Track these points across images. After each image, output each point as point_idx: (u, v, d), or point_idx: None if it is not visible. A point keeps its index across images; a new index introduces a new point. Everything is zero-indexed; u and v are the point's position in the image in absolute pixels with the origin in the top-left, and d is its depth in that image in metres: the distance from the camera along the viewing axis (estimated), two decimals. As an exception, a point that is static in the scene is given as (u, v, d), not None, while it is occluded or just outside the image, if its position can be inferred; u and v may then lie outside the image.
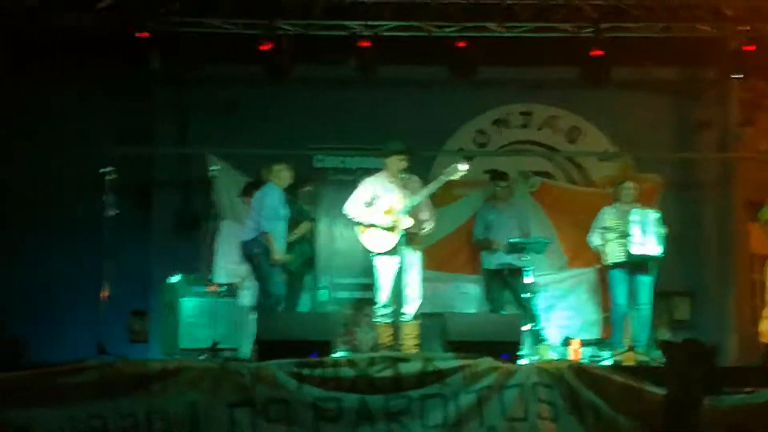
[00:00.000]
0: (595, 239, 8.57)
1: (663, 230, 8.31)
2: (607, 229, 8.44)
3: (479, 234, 9.14)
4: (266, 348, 6.89)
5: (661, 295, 8.86)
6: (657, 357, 7.79)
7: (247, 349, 7.82)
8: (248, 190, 8.37)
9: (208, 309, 7.65)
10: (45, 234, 9.42)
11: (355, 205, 7.84)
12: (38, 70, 9.33)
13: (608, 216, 8.50)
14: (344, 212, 7.94)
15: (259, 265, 7.85)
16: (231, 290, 8.15)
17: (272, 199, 7.90)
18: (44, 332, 8.44)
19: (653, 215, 8.35)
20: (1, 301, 9.03)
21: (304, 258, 8.72)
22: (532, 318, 8.44)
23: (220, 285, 8.07)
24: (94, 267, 7.54)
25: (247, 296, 8.42)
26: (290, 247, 8.39)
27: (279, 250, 7.86)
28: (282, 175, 8.06)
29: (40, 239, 9.42)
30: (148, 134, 9.86)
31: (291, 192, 8.39)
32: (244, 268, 8.31)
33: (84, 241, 8.63)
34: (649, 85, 10.28)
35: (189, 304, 7.69)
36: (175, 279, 7.84)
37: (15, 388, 6.22)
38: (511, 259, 8.81)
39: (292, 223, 8.40)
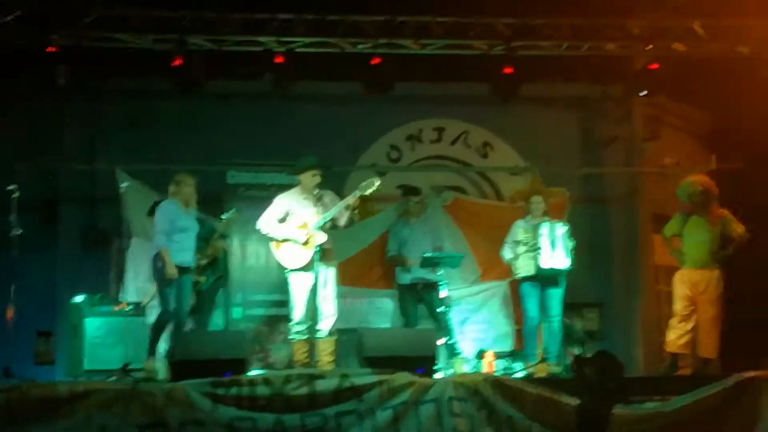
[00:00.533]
0: (506, 253, 8.67)
1: (571, 243, 8.47)
2: (518, 242, 8.53)
3: (393, 251, 9.17)
4: (179, 368, 6.77)
5: (571, 307, 9.03)
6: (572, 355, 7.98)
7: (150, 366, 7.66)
8: (155, 209, 8.21)
9: (115, 329, 7.47)
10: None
11: (268, 221, 7.81)
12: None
13: (519, 230, 8.59)
14: (257, 228, 7.89)
15: (157, 281, 7.70)
16: (139, 309, 7.97)
17: (166, 212, 7.69)
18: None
19: (561, 229, 8.48)
20: None
21: (216, 276, 8.63)
22: (446, 332, 8.50)
23: (128, 304, 7.88)
24: (-3, 287, 7.31)
25: (154, 315, 8.28)
26: (203, 267, 8.32)
27: (178, 263, 7.57)
28: (179, 188, 7.82)
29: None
30: (55, 149, 9.63)
31: (202, 210, 8.28)
32: (152, 286, 8.15)
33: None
34: (557, 101, 10.52)
35: (94, 324, 7.50)
36: (79, 299, 7.62)
37: None
38: (425, 274, 8.86)
39: (203, 243, 8.31)
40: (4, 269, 7.10)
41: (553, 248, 8.37)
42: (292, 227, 7.72)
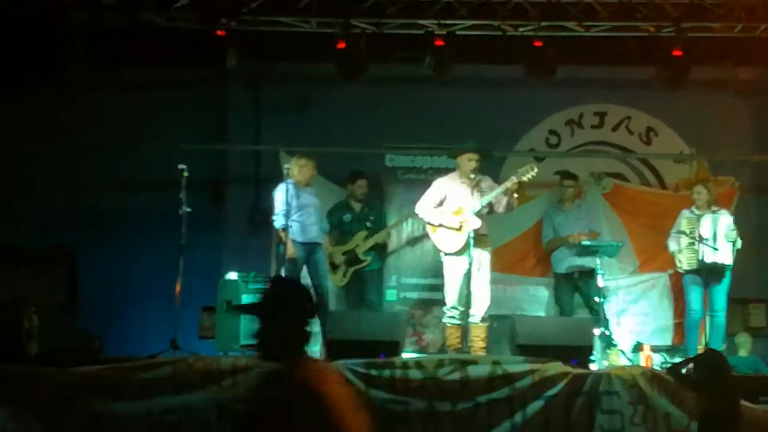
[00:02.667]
0: (671, 244, 8.44)
1: (736, 236, 8.13)
2: (681, 233, 8.29)
3: (548, 236, 9.05)
4: (334, 347, 6.95)
5: (735, 302, 8.67)
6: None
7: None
8: None
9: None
10: (119, 231, 9.59)
11: (425, 205, 7.86)
12: (115, 67, 9.51)
13: (683, 220, 8.37)
14: (415, 212, 7.97)
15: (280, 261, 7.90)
16: None
17: (281, 193, 7.91)
18: (118, 327, 8.62)
19: (726, 220, 8.19)
20: (79, 297, 9.29)
21: (382, 262, 8.91)
22: (602, 322, 8.32)
23: None
24: (166, 263, 7.65)
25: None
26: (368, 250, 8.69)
27: (304, 240, 7.93)
28: (292, 169, 8.09)
29: (114, 236, 9.59)
30: (222, 131, 10.01)
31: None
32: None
33: (157, 237, 8.80)
34: (727, 85, 10.02)
35: (249, 301, 7.73)
36: (233, 276, 7.90)
37: (91, 381, 6.37)
38: (582, 262, 8.70)
39: (374, 227, 8.67)
40: (174, 246, 7.41)
41: (716, 241, 8.08)
42: (446, 213, 7.74)
